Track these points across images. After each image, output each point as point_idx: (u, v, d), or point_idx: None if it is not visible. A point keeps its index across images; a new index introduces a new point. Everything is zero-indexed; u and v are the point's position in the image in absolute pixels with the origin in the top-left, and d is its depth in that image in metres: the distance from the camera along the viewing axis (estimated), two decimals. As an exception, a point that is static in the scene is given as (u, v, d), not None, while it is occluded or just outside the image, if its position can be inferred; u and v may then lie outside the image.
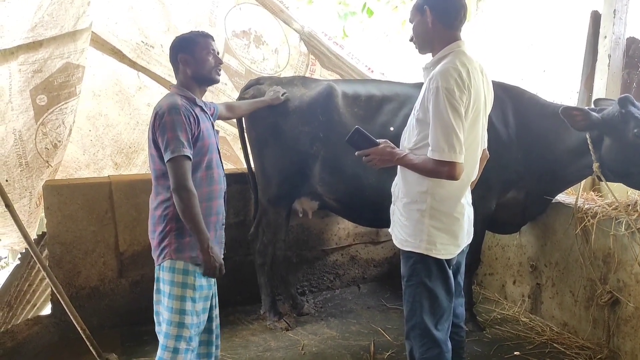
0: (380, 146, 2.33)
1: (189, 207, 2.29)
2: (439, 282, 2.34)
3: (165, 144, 2.29)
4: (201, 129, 2.41)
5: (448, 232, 2.31)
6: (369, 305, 4.20)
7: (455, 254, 2.38)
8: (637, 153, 2.92)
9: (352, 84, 3.68)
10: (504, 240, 4.22)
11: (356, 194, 3.49)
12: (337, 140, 3.37)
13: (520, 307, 4.00)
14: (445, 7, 2.25)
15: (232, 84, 4.28)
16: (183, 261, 2.40)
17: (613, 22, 4.07)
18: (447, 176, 2.15)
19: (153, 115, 2.37)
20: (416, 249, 2.32)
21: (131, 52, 3.89)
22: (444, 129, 2.11)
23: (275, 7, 4.18)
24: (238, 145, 4.52)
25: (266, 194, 3.66)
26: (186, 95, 2.45)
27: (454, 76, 2.12)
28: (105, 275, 3.64)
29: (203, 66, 2.48)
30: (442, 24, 2.26)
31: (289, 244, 4.11)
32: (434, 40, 2.30)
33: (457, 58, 2.20)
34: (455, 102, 2.10)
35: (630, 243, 3.14)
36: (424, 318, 2.35)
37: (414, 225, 2.32)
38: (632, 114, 2.90)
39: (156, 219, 2.44)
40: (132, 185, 3.59)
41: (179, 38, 2.53)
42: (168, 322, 2.40)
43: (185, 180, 2.29)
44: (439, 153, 2.12)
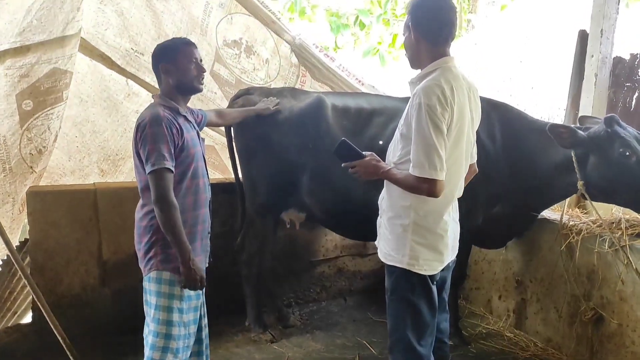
0: (366, 159, 2.33)
1: (170, 219, 2.27)
2: (421, 298, 2.33)
3: (146, 156, 2.27)
4: (185, 139, 2.39)
5: (431, 248, 2.30)
6: (355, 318, 4.18)
7: (439, 270, 2.37)
8: (623, 172, 2.94)
9: (342, 96, 3.69)
10: (491, 255, 4.23)
11: (344, 206, 3.48)
12: (325, 152, 3.36)
13: (506, 322, 4.00)
14: (428, 24, 2.25)
15: (222, 93, 4.27)
16: (170, 272, 2.37)
17: (600, 41, 4.13)
18: (427, 193, 2.15)
19: (135, 127, 2.35)
20: (399, 264, 2.31)
21: (120, 58, 3.87)
22: (425, 146, 2.11)
23: (267, 18, 4.18)
24: (226, 154, 4.50)
25: (253, 204, 3.64)
26: (169, 105, 2.43)
27: (436, 93, 2.12)
28: (87, 284, 3.59)
29: (185, 75, 2.44)
30: (426, 40, 2.26)
31: (276, 255, 4.08)
32: (420, 56, 2.31)
33: (442, 75, 2.20)
34: (437, 119, 2.10)
35: (614, 260, 3.16)
36: (407, 333, 2.34)
37: (397, 240, 2.32)
38: (618, 133, 2.93)
39: (142, 229, 2.42)
40: (117, 193, 3.55)
41: (161, 46, 2.50)
42: (154, 333, 2.37)
43: (166, 192, 2.27)
44: (419, 169, 2.12)
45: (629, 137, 2.91)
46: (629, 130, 2.97)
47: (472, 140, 2.44)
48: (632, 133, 2.96)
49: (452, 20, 2.27)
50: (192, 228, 2.44)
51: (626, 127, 2.99)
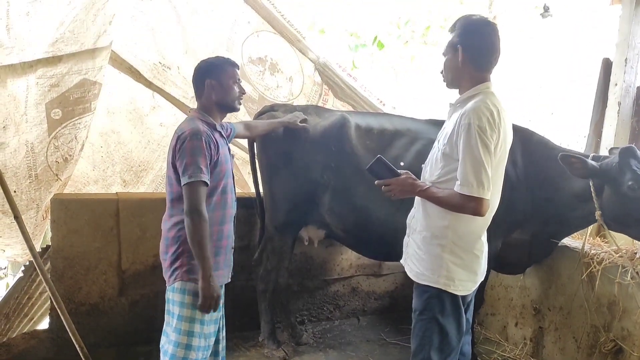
0: (402, 177, 2.35)
1: (199, 231, 2.31)
2: (451, 319, 2.34)
3: (183, 168, 2.32)
4: (220, 155, 2.45)
5: (467, 268, 2.32)
6: (368, 338, 4.15)
7: (472, 291, 2.40)
8: (630, 205, 2.90)
9: (365, 116, 3.71)
10: (507, 281, 4.19)
11: (364, 225, 3.48)
12: (348, 170, 3.38)
13: (522, 350, 3.95)
14: (479, 50, 2.30)
15: (245, 109, 4.32)
16: (194, 283, 2.40)
17: (624, 70, 4.13)
18: (473, 212, 2.18)
19: (174, 139, 2.40)
20: (434, 284, 2.32)
21: (148, 72, 3.94)
22: (474, 165, 2.14)
23: (292, 37, 4.25)
24: (246, 169, 4.54)
25: (274, 220, 3.65)
26: (207, 120, 2.49)
27: (486, 115, 2.16)
28: (105, 293, 3.60)
29: (228, 94, 2.54)
30: (472, 64, 2.30)
31: (291, 272, 4.08)
32: (462, 79, 2.35)
33: (487, 98, 2.24)
34: (486, 139, 2.15)
35: (635, 292, 3.11)
36: (432, 354, 2.34)
37: (433, 260, 2.33)
38: (629, 165, 2.87)
39: (169, 240, 2.45)
40: (139, 204, 3.58)
41: (208, 62, 2.57)
42: (175, 343, 2.40)
43: (199, 204, 2.31)
44: (467, 188, 2.14)
45: (639, 170, 2.86)
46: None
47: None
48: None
49: (500, 48, 2.32)
50: (217, 242, 2.48)
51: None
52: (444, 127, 2.46)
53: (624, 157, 2.89)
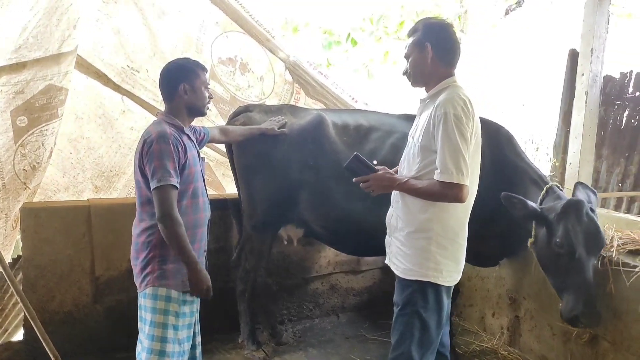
0: (379, 172, 2.38)
1: (175, 234, 2.30)
2: (433, 313, 2.38)
3: (152, 172, 2.30)
4: (188, 157, 2.42)
5: (453, 258, 2.38)
6: (347, 335, 4.16)
7: (457, 281, 2.45)
8: (552, 258, 2.91)
9: (340, 113, 3.72)
10: (484, 272, 4.24)
11: (343, 222, 3.48)
12: (326, 168, 3.38)
13: (499, 340, 4.00)
14: (446, 46, 2.38)
15: (217, 110, 4.30)
16: (166, 288, 2.38)
17: (590, 60, 4.20)
18: (454, 198, 2.22)
19: (141, 142, 2.37)
20: (422, 277, 2.35)
21: (116, 76, 3.89)
22: (453, 153, 2.18)
23: (262, 36, 4.23)
24: (221, 171, 4.52)
25: (252, 220, 3.64)
26: (174, 123, 2.47)
27: (460, 104, 2.23)
28: (79, 301, 3.55)
29: (199, 99, 2.52)
30: (440, 60, 2.37)
31: (270, 272, 4.07)
32: (430, 76, 2.40)
33: (457, 90, 2.32)
34: (462, 127, 2.20)
35: (607, 278, 3.17)
36: (412, 349, 2.37)
37: (420, 254, 2.36)
38: (566, 222, 2.79)
39: (139, 245, 2.42)
40: (111, 209, 3.54)
41: (181, 65, 2.53)
42: (148, 350, 2.37)
43: (170, 208, 2.29)
44: (447, 175, 2.19)
45: (572, 230, 2.77)
46: (585, 219, 2.80)
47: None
48: (584, 224, 2.79)
49: (460, 47, 2.43)
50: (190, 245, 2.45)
51: (586, 212, 2.82)
52: (416, 124, 2.49)
53: (565, 212, 2.83)
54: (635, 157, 4.84)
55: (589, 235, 2.79)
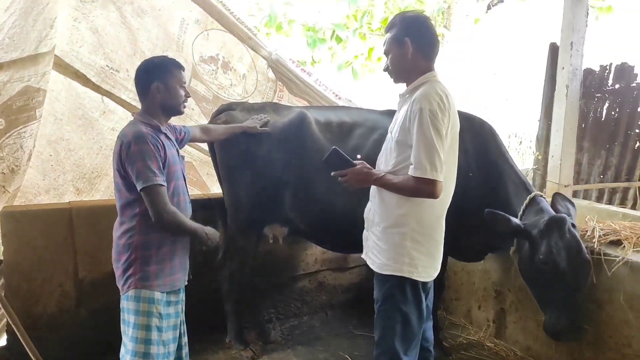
0: (357, 167, 2.37)
1: (179, 227, 2.37)
2: (413, 307, 2.37)
3: (136, 174, 2.28)
4: (167, 156, 2.40)
5: (429, 254, 2.37)
6: (336, 332, 4.16)
7: (434, 277, 2.44)
8: (536, 273, 2.95)
9: (323, 110, 3.71)
10: (470, 266, 4.26)
11: (328, 219, 3.48)
12: (310, 166, 3.37)
13: (486, 332, 4.03)
14: (425, 39, 2.37)
15: (200, 110, 4.26)
16: (149, 290, 2.36)
17: (570, 53, 4.23)
18: (428, 194, 2.21)
19: (118, 144, 2.34)
20: (397, 272, 2.35)
21: (95, 75, 3.84)
22: (427, 148, 2.18)
23: (243, 34, 4.20)
24: (204, 170, 4.49)
25: (235, 220, 3.62)
26: (150, 122, 2.44)
27: (436, 99, 2.21)
28: (63, 305, 3.51)
29: (174, 98, 2.48)
30: (420, 55, 2.36)
31: (257, 271, 4.05)
32: (411, 70, 2.39)
33: (435, 85, 2.31)
34: (438, 123, 2.19)
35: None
36: (395, 344, 2.37)
37: (395, 249, 2.35)
38: (549, 238, 2.84)
39: (120, 247, 2.40)
40: (93, 211, 3.50)
41: (154, 64, 2.50)
42: (133, 353, 2.35)
43: (164, 205, 2.30)
44: (421, 171, 2.18)
45: (555, 247, 2.82)
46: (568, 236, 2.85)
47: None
48: (566, 241, 2.84)
49: (439, 40, 2.43)
50: (172, 245, 2.45)
51: (568, 229, 2.87)
52: (395, 118, 2.49)
53: (548, 228, 2.87)
54: (616, 149, 4.89)
55: (572, 252, 2.83)
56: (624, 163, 4.99)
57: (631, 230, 3.31)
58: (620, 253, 3.07)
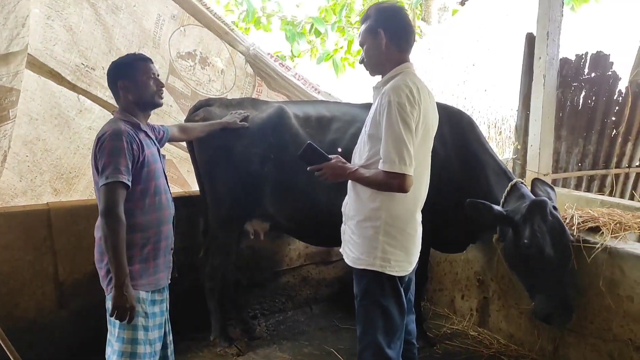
0: (332, 161, 2.37)
1: (114, 234, 2.22)
2: (392, 300, 2.36)
3: (102, 168, 2.24)
4: (146, 155, 2.37)
5: (402, 248, 2.34)
6: (321, 326, 4.17)
7: (409, 271, 2.42)
8: (521, 258, 2.98)
9: (302, 105, 3.71)
10: (452, 256, 4.29)
11: (309, 213, 3.48)
12: (289, 161, 3.36)
13: (469, 321, 4.07)
14: (399, 30, 2.34)
15: (178, 106, 4.22)
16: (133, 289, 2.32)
17: (547, 43, 4.26)
18: (397, 188, 2.20)
19: (95, 141, 2.32)
20: (370, 267, 2.33)
21: (70, 74, 3.77)
22: (396, 142, 2.16)
23: (220, 30, 4.16)
24: (185, 167, 4.45)
25: (216, 216, 3.60)
26: (130, 120, 2.41)
27: (405, 92, 2.19)
28: (44, 307, 3.47)
29: (145, 91, 2.44)
30: (395, 46, 2.34)
31: (240, 267, 4.04)
32: (385, 62, 2.37)
33: (407, 76, 2.29)
34: (406, 116, 2.17)
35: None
36: (378, 337, 2.36)
37: (368, 243, 2.34)
38: (532, 222, 2.88)
39: (102, 247, 2.37)
40: (72, 212, 3.45)
41: (116, 63, 2.48)
42: (119, 353, 2.33)
43: (115, 206, 2.23)
44: (389, 165, 2.17)
45: (539, 230, 2.86)
46: (550, 218, 2.90)
47: (430, 147, 2.49)
48: (549, 223, 2.89)
49: (414, 30, 2.42)
50: (156, 244, 2.43)
51: (550, 211, 2.91)
52: (370, 111, 2.48)
53: (530, 212, 2.91)
54: (593, 137, 4.96)
55: (555, 234, 2.87)
56: (601, 151, 5.06)
57: (609, 216, 3.36)
58: (599, 239, 3.12)
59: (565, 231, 2.93)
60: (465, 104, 7.34)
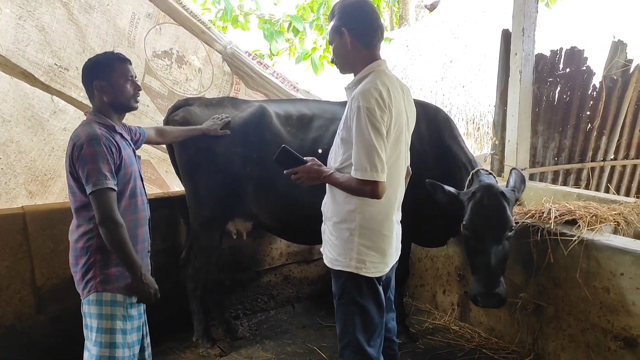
0: (307, 164, 2.34)
1: (119, 238, 2.24)
2: (370, 300, 2.36)
3: (86, 176, 2.21)
4: (122, 157, 2.33)
5: (377, 250, 2.32)
6: (304, 324, 4.17)
7: (385, 272, 2.40)
8: (464, 242, 3.05)
9: (282, 103, 3.69)
10: (433, 252, 4.32)
11: (291, 212, 3.47)
12: (270, 159, 3.34)
13: (451, 316, 4.11)
14: (363, 27, 2.28)
15: (155, 106, 4.17)
16: (110, 292, 2.32)
17: (522, 39, 4.32)
18: (370, 195, 2.18)
19: (70, 146, 2.27)
20: (346, 268, 2.32)
21: (43, 75, 3.70)
22: (366, 148, 2.13)
23: (197, 28, 4.12)
24: (164, 168, 4.41)
25: (198, 217, 3.57)
26: (104, 122, 2.36)
27: (374, 95, 2.14)
28: (22, 313, 3.40)
29: (121, 94, 2.38)
30: (361, 44, 2.29)
31: (222, 267, 4.02)
32: (354, 61, 2.33)
33: (377, 78, 2.23)
34: (376, 121, 2.13)
35: (546, 248, 3.29)
36: (357, 335, 2.35)
37: (344, 244, 2.33)
38: (474, 204, 2.90)
39: (78, 251, 2.34)
40: (48, 216, 3.39)
41: (93, 61, 2.40)
42: (97, 357, 2.30)
43: (111, 212, 2.22)
44: (361, 172, 2.14)
45: (477, 213, 2.88)
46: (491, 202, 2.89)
47: (409, 142, 2.48)
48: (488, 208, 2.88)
49: (381, 24, 2.34)
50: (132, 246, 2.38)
51: (493, 195, 2.90)
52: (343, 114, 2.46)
53: (473, 196, 2.93)
54: (569, 131, 5.03)
55: (492, 217, 2.88)
56: (577, 145, 5.14)
57: (585, 209, 3.42)
58: (575, 232, 3.16)
59: (503, 216, 2.89)
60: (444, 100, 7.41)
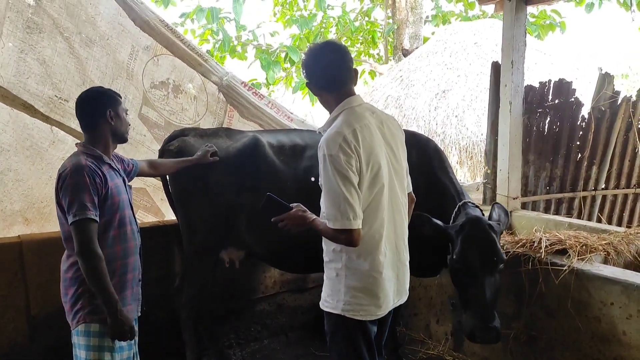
0: (292, 211, 2.32)
1: (94, 270, 2.24)
2: (360, 342, 2.32)
3: (68, 206, 2.25)
4: (109, 187, 2.38)
5: (366, 292, 2.26)
6: (297, 354, 4.16)
7: (378, 315, 2.32)
8: (453, 276, 3.04)
9: (276, 134, 3.76)
10: (426, 281, 4.34)
11: (285, 241, 3.49)
12: (264, 189, 3.37)
13: (445, 346, 4.10)
14: (318, 74, 2.33)
15: (152, 136, 4.24)
16: (99, 324, 2.33)
17: (511, 71, 4.42)
18: (346, 243, 2.17)
19: (57, 177, 2.33)
20: (334, 310, 2.29)
21: (44, 106, 3.77)
22: (334, 198, 2.13)
23: (194, 61, 4.22)
24: (159, 196, 4.44)
25: (191, 246, 3.60)
26: (92, 153, 2.42)
27: (337, 141, 2.14)
28: (16, 342, 3.40)
29: (122, 125, 2.53)
30: (323, 90, 2.35)
31: (215, 296, 4.03)
32: (328, 104, 2.38)
33: (344, 120, 2.24)
34: (342, 168, 2.12)
35: (537, 278, 3.33)
36: None
37: (332, 285, 2.32)
38: (464, 237, 2.89)
39: (67, 281, 2.37)
40: (44, 244, 3.41)
41: (102, 93, 2.52)
42: None
43: (89, 242, 2.24)
44: (332, 222, 2.14)
45: (467, 247, 2.87)
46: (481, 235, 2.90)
47: (401, 171, 2.47)
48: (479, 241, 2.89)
49: (345, 62, 2.32)
50: (122, 277, 2.42)
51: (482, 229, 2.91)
52: None
53: (462, 229, 2.92)
54: (559, 161, 5.11)
55: (483, 251, 2.86)
56: (568, 174, 5.21)
57: (575, 239, 3.47)
58: (566, 262, 3.21)
59: (493, 249, 2.87)
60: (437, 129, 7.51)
